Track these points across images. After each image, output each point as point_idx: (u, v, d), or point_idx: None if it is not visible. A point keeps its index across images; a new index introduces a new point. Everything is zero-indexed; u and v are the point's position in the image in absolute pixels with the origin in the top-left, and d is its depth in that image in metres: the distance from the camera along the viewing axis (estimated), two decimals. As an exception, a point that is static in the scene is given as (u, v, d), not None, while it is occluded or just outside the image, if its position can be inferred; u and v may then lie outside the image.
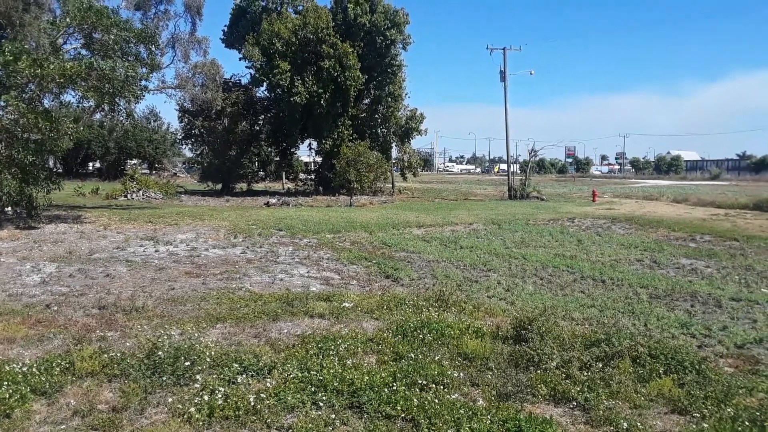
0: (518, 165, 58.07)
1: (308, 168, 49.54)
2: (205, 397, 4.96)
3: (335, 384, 5.27)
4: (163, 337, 6.33)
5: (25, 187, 17.21)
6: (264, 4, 39.88)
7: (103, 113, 26.30)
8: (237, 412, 4.75)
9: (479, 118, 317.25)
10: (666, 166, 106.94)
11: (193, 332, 6.85)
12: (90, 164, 61.65)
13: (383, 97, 39.34)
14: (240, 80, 40.81)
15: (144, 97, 22.78)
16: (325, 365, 5.69)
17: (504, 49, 39.67)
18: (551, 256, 13.32)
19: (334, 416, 4.78)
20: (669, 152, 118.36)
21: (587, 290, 9.95)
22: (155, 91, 30.48)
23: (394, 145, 42.74)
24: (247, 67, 40.85)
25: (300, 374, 5.50)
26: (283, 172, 44.89)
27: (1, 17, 22.42)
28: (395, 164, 45.18)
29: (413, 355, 6.12)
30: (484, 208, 27.16)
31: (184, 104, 37.59)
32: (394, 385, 5.29)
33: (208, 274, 10.86)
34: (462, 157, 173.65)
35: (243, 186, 42.57)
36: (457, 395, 5.25)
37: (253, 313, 7.88)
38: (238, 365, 5.68)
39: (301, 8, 39.71)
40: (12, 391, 4.98)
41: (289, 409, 4.91)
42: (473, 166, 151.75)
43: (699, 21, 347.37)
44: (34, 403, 4.98)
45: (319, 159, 44.87)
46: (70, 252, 13.01)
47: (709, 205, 28.70)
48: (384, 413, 4.83)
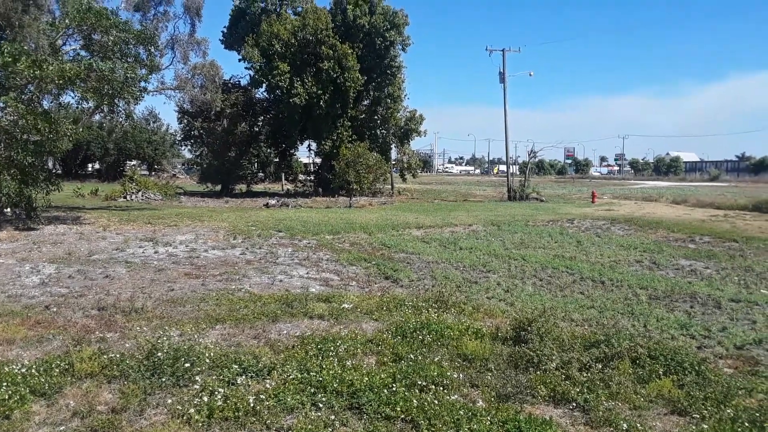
0: (517, 166, 58.20)
1: (307, 169, 49.61)
2: (205, 398, 4.96)
3: (335, 385, 5.26)
4: (162, 338, 6.33)
5: (24, 188, 17.23)
6: (263, 5, 39.89)
7: (102, 114, 26.35)
8: (236, 413, 4.74)
9: (478, 119, 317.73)
10: (665, 168, 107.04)
11: (193, 333, 6.86)
12: (89, 165, 61.73)
13: (383, 99, 39.36)
14: (239, 81, 40.90)
15: (143, 98, 22.76)
16: (324, 366, 5.68)
17: (503, 50, 39.70)
18: (551, 258, 13.32)
19: (333, 417, 4.77)
20: (668, 153, 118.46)
21: (587, 291, 9.95)
22: (154, 93, 30.60)
23: (393, 146, 42.79)
24: (246, 68, 41.02)
25: (299, 375, 5.50)
26: (283, 174, 44.92)
27: (1, 18, 22.45)
28: (395, 165, 45.23)
29: (413, 356, 6.11)
30: (483, 210, 27.17)
31: (184, 105, 37.64)
32: (394, 386, 5.28)
33: (207, 275, 10.85)
34: (461, 158, 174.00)
35: (242, 187, 42.60)
36: (456, 396, 5.26)
37: (253, 314, 7.87)
38: (237, 366, 5.68)
39: (300, 9, 39.73)
40: (11, 392, 4.97)
41: (288, 410, 4.90)
42: (472, 168, 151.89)
43: (698, 21, 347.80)
44: (34, 404, 4.97)
45: (318, 160, 44.92)
46: (70, 253, 13.00)
47: (709, 207, 28.73)
48: (383, 414, 4.83)
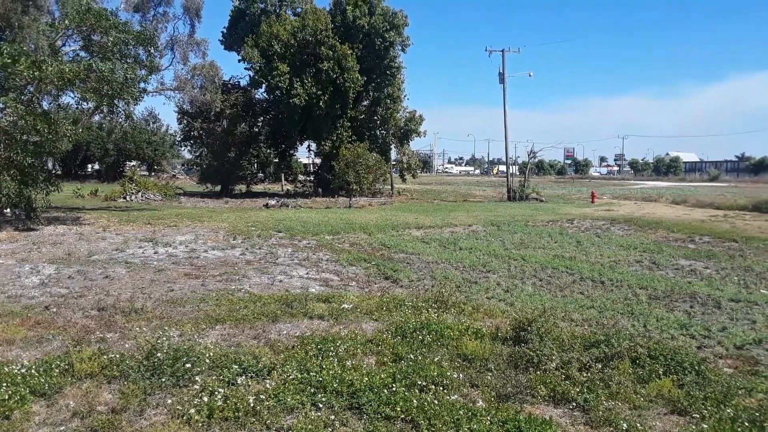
0: (517, 166, 58.13)
1: (307, 170, 49.63)
2: (205, 399, 4.96)
3: (335, 385, 5.26)
4: (162, 338, 6.32)
5: (24, 188, 17.23)
6: (263, 6, 39.88)
7: (102, 115, 26.39)
8: (236, 414, 4.74)
9: (478, 119, 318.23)
10: (665, 168, 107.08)
11: (193, 333, 6.86)
12: (89, 166, 61.73)
13: (382, 99, 39.36)
14: (239, 82, 40.91)
15: (143, 98, 22.82)
16: (324, 366, 5.68)
17: (503, 50, 39.74)
18: (550, 258, 13.32)
19: (333, 417, 4.77)
20: (668, 154, 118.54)
21: (586, 291, 9.95)
22: (154, 93, 30.59)
23: (393, 146, 42.78)
24: (246, 69, 40.95)
25: (299, 375, 5.50)
26: (282, 174, 44.91)
27: (0, 19, 22.43)
28: (394, 166, 45.22)
29: (413, 356, 6.11)
30: (483, 210, 27.18)
31: (183, 106, 37.62)
32: (394, 386, 5.28)
33: (207, 275, 10.85)
34: (461, 158, 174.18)
35: (242, 187, 42.59)
36: (456, 396, 5.25)
37: (253, 314, 7.87)
38: (237, 366, 5.68)
39: (299, 10, 39.72)
40: (11, 392, 4.97)
41: (288, 410, 4.90)
42: (472, 168, 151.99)
43: (698, 22, 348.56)
44: (34, 404, 4.97)
45: (318, 160, 44.93)
46: (69, 253, 12.99)
47: (708, 207, 28.75)
48: (383, 414, 4.83)
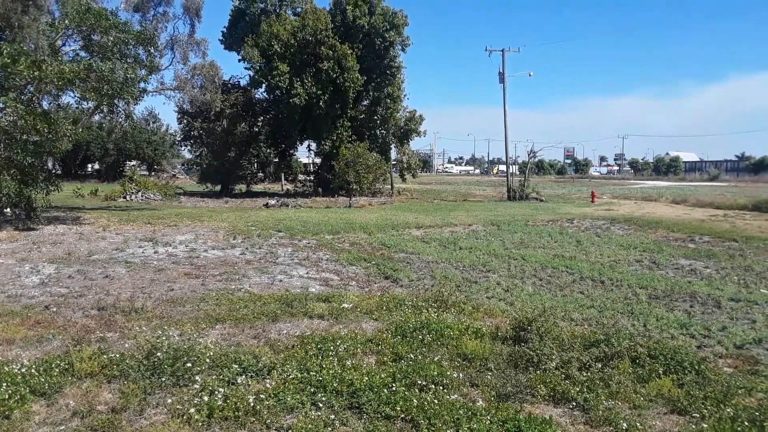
0: (517, 166, 58.19)
1: (307, 169, 49.59)
2: (205, 398, 4.96)
3: (335, 385, 5.26)
4: (162, 338, 6.33)
5: (24, 188, 17.23)
6: (263, 5, 39.89)
7: (102, 115, 26.36)
8: (236, 413, 4.75)
9: (478, 119, 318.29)
10: (665, 167, 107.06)
11: (193, 333, 6.87)
12: (89, 166, 61.72)
13: (382, 99, 39.36)
14: (239, 82, 40.91)
15: (143, 98, 22.82)
16: (324, 366, 5.68)
17: (503, 50, 39.71)
18: (550, 257, 13.32)
19: (333, 417, 4.77)
20: (668, 153, 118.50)
21: (586, 291, 9.95)
22: (154, 93, 30.61)
23: (393, 146, 42.79)
24: (246, 69, 40.98)
25: (299, 375, 5.50)
26: (282, 174, 44.92)
27: (0, 19, 22.43)
28: (394, 165, 45.23)
29: (413, 356, 6.11)
30: (483, 209, 27.17)
31: (183, 106, 37.63)
32: (394, 385, 5.28)
33: (207, 275, 10.85)
34: (461, 158, 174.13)
35: (242, 187, 42.60)
36: (456, 396, 5.26)
37: (253, 314, 7.87)
38: (237, 366, 5.68)
39: (299, 10, 39.72)
40: (11, 392, 4.97)
41: (288, 409, 4.91)
42: (472, 168, 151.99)
43: (698, 22, 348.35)
44: (34, 404, 4.97)
45: (318, 160, 44.92)
46: (69, 253, 13.00)
47: (708, 206, 28.73)
48: (383, 414, 4.83)
